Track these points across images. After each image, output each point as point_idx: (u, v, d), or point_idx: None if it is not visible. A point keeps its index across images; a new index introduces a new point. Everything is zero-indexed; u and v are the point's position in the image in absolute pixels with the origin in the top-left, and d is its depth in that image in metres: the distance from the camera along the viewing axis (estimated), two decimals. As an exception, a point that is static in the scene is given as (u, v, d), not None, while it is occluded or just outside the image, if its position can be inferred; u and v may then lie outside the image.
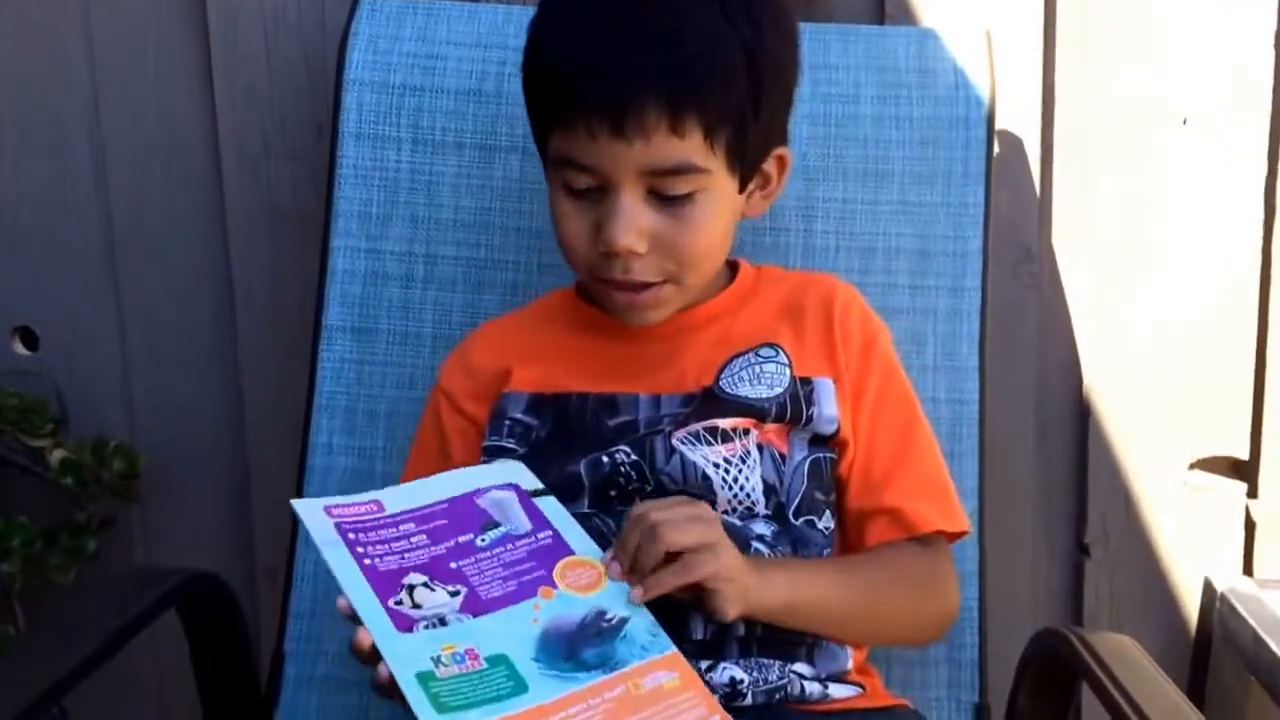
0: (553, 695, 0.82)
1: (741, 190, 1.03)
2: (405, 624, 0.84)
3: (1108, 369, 1.46)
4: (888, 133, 1.28)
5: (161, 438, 1.51)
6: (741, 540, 0.98)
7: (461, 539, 0.91)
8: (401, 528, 0.91)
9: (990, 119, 1.29)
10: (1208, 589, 1.46)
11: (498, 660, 0.84)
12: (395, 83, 1.29)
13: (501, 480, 0.97)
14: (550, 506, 0.95)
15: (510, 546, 0.91)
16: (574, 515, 0.96)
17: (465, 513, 0.93)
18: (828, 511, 1.05)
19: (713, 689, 0.93)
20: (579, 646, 0.85)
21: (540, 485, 0.97)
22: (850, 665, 1.03)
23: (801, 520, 1.03)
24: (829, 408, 1.04)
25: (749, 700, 0.96)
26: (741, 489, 1.00)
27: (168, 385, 1.51)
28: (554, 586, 0.89)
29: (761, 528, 1.01)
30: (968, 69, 1.30)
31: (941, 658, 1.22)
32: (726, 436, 1.01)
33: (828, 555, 1.05)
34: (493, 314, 1.23)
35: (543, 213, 1.25)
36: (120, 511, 1.48)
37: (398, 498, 0.95)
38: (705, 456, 1.00)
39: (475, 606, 0.87)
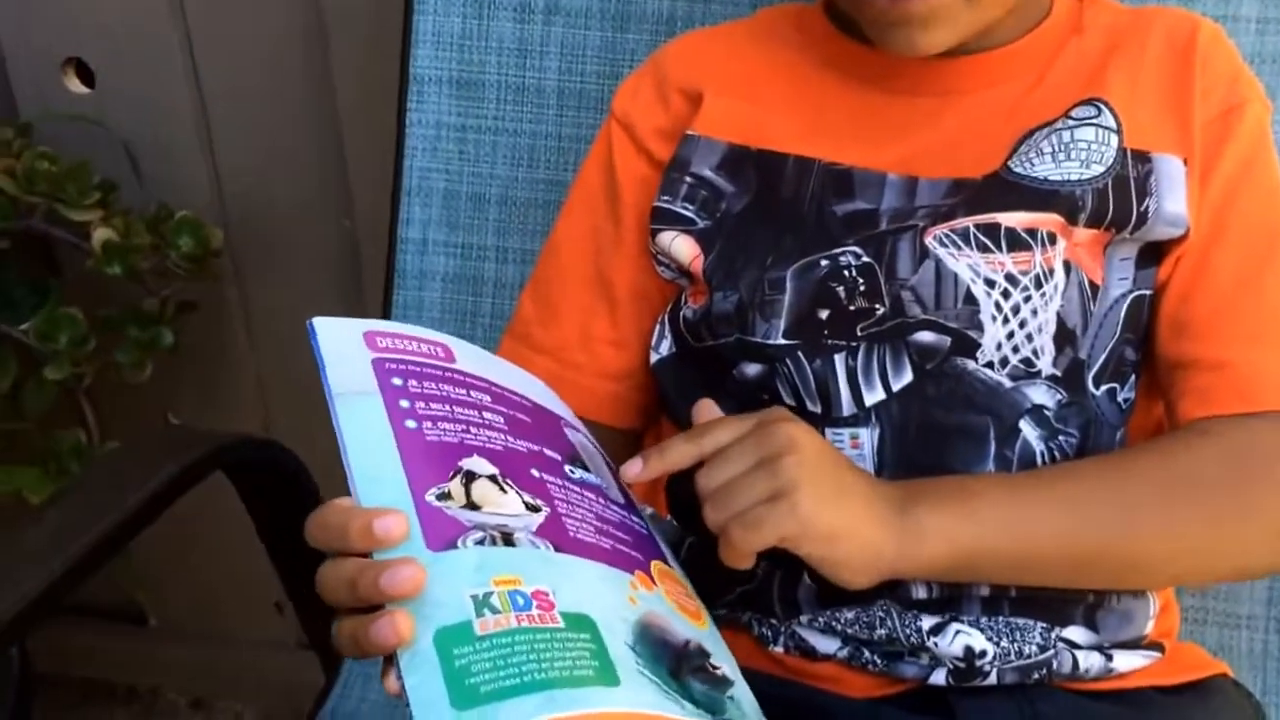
0: (651, 706, 0.50)
1: None
2: (445, 533, 0.52)
3: None
4: None
5: (254, 193, 1.24)
6: (1009, 413, 0.67)
7: (549, 452, 0.61)
8: (473, 393, 0.60)
9: None
10: None
11: (580, 623, 0.51)
12: None
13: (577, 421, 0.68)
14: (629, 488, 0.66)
15: (602, 501, 0.61)
16: (761, 347, 0.69)
17: (551, 429, 0.64)
18: (1133, 377, 0.71)
19: (938, 660, 0.66)
20: (684, 668, 0.54)
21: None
22: (1150, 628, 0.70)
23: (1104, 389, 0.69)
24: (1174, 202, 0.69)
25: (993, 679, 0.67)
26: (1023, 327, 0.67)
27: (253, 130, 1.22)
28: (654, 582, 0.58)
29: (1041, 395, 0.68)
30: None
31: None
32: (1017, 241, 0.68)
33: (1118, 440, 0.70)
34: (641, 56, 0.89)
35: None
36: (207, 291, 1.23)
37: (473, 354, 0.64)
38: (975, 267, 0.68)
39: (560, 539, 0.55)
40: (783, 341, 0.69)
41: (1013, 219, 0.68)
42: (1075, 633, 0.68)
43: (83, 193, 1.07)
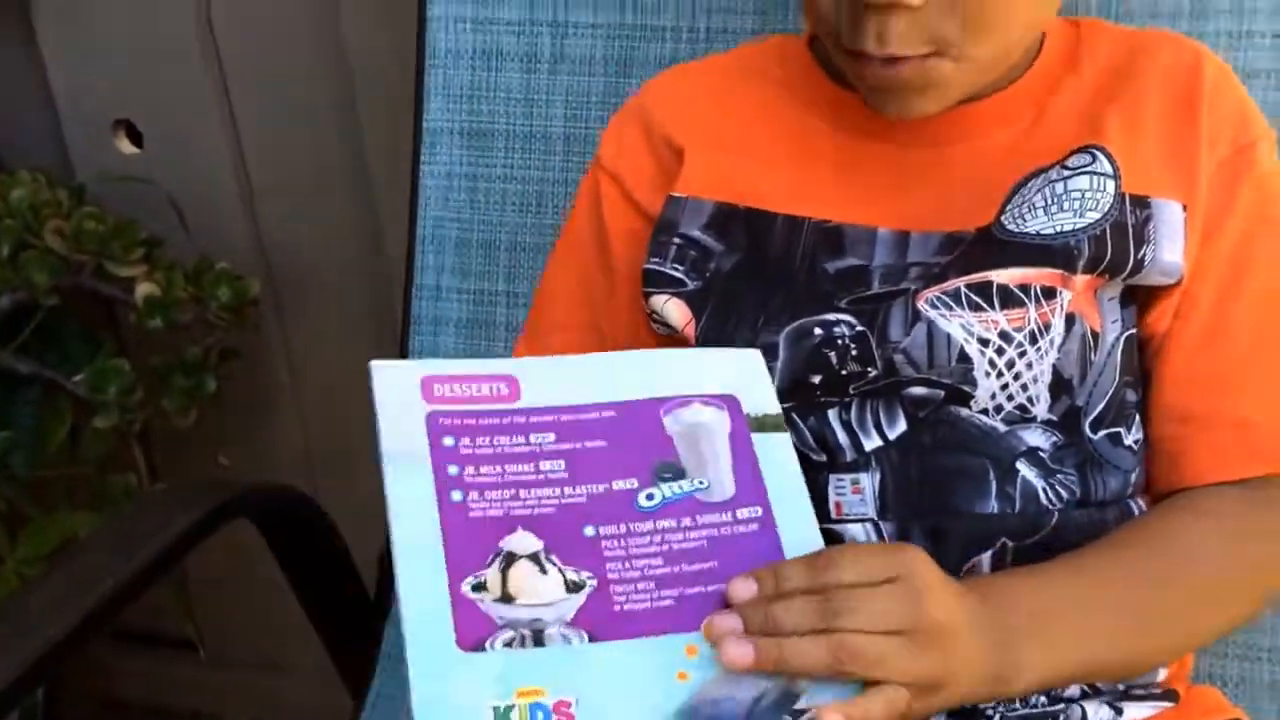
0: None
1: None
2: (476, 631, 0.53)
3: None
4: None
5: (293, 242, 1.29)
6: (1005, 454, 0.66)
7: (617, 485, 0.58)
8: (532, 437, 0.59)
9: None
10: None
11: None
12: None
13: (720, 383, 0.63)
14: (776, 455, 0.61)
15: (687, 522, 0.58)
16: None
17: (638, 435, 0.60)
18: (1137, 418, 0.70)
19: None
20: None
21: (775, 407, 0.63)
22: (1163, 675, 0.69)
23: (1103, 434, 0.68)
24: (1171, 251, 0.67)
25: (995, 730, 0.65)
26: (1017, 379, 0.66)
27: (291, 183, 1.27)
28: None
29: (1036, 437, 0.67)
30: None
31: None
32: (1010, 298, 0.66)
33: (1134, 482, 0.69)
34: (647, 102, 0.90)
35: None
36: (250, 337, 1.27)
37: (543, 376, 0.62)
38: (967, 326, 0.66)
39: (599, 620, 0.55)
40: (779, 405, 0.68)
41: (1005, 276, 0.67)
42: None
43: (128, 249, 1.12)
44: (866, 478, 0.67)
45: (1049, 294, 0.66)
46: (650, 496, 0.59)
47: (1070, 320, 0.67)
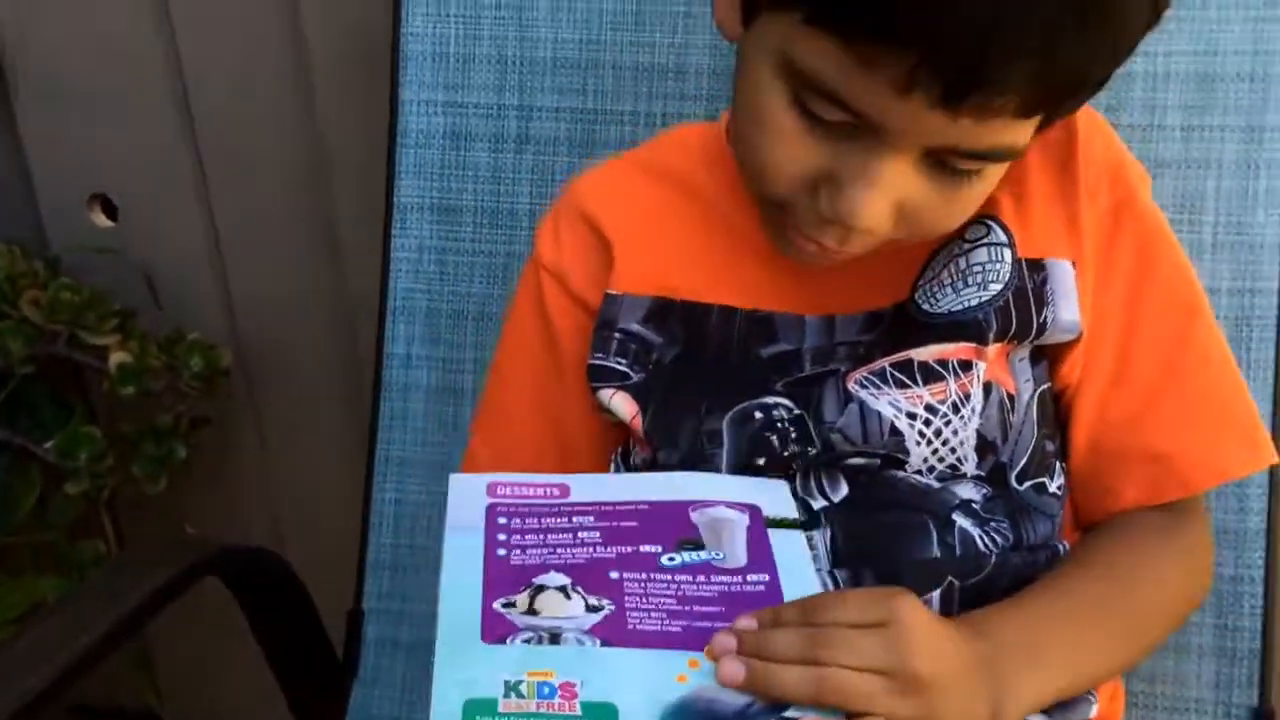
0: None
1: None
2: (499, 631, 0.60)
3: None
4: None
5: (263, 314, 1.33)
6: (941, 509, 0.71)
7: (644, 548, 0.66)
8: (575, 519, 0.68)
9: None
10: None
11: (600, 711, 0.57)
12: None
13: (745, 498, 0.70)
14: (789, 544, 0.68)
15: (701, 579, 0.65)
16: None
17: (667, 521, 0.68)
18: (1058, 465, 0.75)
19: None
20: None
21: (794, 515, 0.70)
22: (1094, 713, 0.73)
23: (1028, 485, 0.73)
24: (1068, 309, 0.72)
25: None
26: (945, 444, 0.71)
27: (262, 255, 1.31)
28: None
29: (968, 491, 0.72)
30: None
31: (1207, 646, 0.91)
32: (931, 374, 0.71)
33: (1057, 524, 0.75)
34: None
35: (669, 45, 0.98)
36: (220, 406, 1.30)
37: (592, 486, 0.71)
38: (895, 403, 0.71)
39: (612, 633, 0.61)
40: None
41: (924, 354, 0.71)
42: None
43: (102, 319, 1.15)
44: (818, 534, 0.72)
45: (965, 366, 0.71)
46: (671, 559, 0.65)
47: (988, 388, 0.72)
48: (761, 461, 0.72)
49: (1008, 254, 0.73)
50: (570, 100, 0.99)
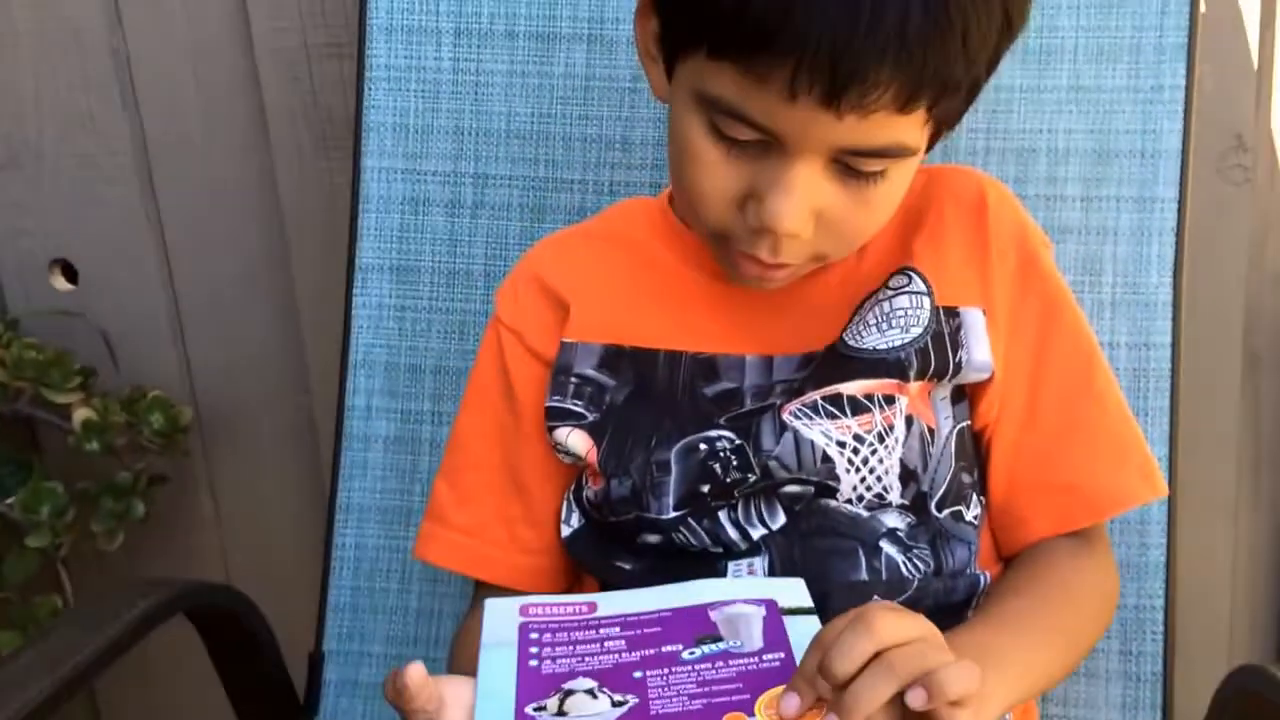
0: None
1: (927, 150, 0.76)
2: None
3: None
4: (1054, -2, 1.00)
5: (221, 376, 1.37)
6: (869, 536, 0.78)
7: (666, 649, 0.71)
8: (602, 630, 0.73)
9: (1194, -30, 0.98)
10: None
11: None
12: (431, -39, 1.07)
13: (762, 594, 0.75)
14: (804, 628, 0.71)
15: (720, 664, 0.69)
16: (656, 521, 0.79)
17: (688, 623, 0.73)
18: (974, 496, 0.83)
19: None
20: None
21: (809, 604, 0.74)
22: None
23: (947, 512, 0.81)
24: (980, 351, 0.80)
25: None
26: (872, 472, 0.78)
27: (221, 319, 1.36)
28: (750, 716, 0.65)
29: (894, 519, 0.79)
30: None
31: (1114, 671, 0.98)
32: (859, 406, 0.78)
33: (974, 551, 0.82)
34: (558, 244, 1.01)
35: (616, 118, 1.05)
36: (176, 465, 1.34)
37: (620, 600, 0.76)
38: (826, 433, 0.78)
39: (636, 717, 0.66)
40: (674, 514, 0.79)
41: (852, 388, 0.79)
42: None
43: (66, 378, 1.19)
44: (759, 560, 0.79)
45: (889, 400, 0.79)
46: (691, 653, 0.70)
47: (909, 421, 0.79)
48: (706, 489, 0.79)
49: (927, 301, 0.81)
50: (523, 169, 1.07)
